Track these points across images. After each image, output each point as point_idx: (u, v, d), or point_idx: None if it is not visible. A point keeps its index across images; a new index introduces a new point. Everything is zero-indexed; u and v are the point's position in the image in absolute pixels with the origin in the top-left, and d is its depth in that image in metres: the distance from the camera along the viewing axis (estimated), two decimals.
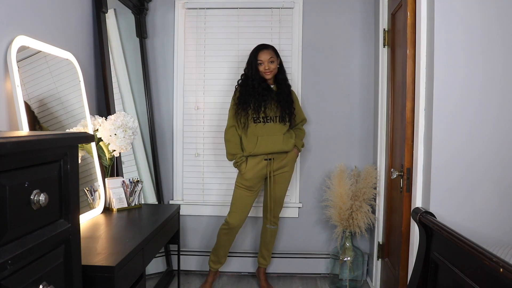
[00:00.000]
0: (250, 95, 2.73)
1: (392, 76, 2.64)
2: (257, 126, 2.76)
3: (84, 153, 2.08)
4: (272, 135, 2.77)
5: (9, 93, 1.66)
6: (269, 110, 2.75)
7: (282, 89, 2.81)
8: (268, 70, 2.72)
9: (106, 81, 2.47)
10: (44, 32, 1.94)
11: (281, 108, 2.78)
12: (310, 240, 3.22)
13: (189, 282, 3.08)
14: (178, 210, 2.43)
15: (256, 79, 2.73)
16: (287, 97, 2.80)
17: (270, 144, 2.76)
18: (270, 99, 2.76)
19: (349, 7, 3.13)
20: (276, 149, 2.78)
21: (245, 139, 2.78)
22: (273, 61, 2.74)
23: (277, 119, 2.78)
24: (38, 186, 1.04)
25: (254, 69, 2.73)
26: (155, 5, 3.16)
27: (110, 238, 1.77)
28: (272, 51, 2.76)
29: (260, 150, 2.75)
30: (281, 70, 2.83)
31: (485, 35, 1.82)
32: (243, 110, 2.73)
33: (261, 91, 2.73)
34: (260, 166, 2.78)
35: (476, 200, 1.83)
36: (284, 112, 2.78)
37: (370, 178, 2.85)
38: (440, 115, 1.84)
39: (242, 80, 2.79)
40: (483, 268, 1.23)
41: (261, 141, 2.75)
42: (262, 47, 2.77)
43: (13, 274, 0.96)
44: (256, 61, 2.74)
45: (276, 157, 2.80)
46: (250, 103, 2.72)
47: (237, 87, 2.82)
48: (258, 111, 2.73)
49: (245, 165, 2.78)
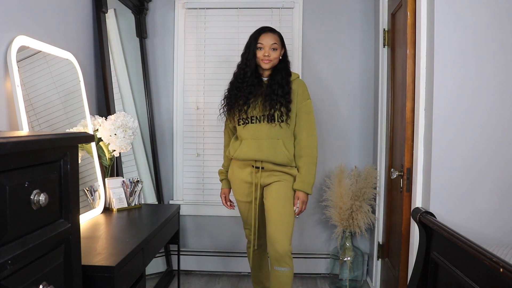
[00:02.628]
0: (237, 89, 2.26)
1: (392, 76, 2.64)
2: (240, 128, 2.28)
3: (84, 153, 2.08)
4: (257, 138, 2.21)
5: (9, 93, 1.66)
6: (253, 108, 2.22)
7: (275, 78, 2.23)
8: (267, 57, 2.21)
9: (106, 81, 2.47)
10: (44, 32, 1.94)
11: (268, 102, 2.18)
12: (310, 240, 3.22)
13: (189, 282, 3.08)
14: (178, 210, 2.43)
15: (250, 67, 2.23)
16: (279, 88, 2.19)
17: (253, 149, 2.21)
18: (258, 94, 2.22)
19: (349, 7, 3.13)
20: (262, 156, 2.20)
21: (232, 142, 2.35)
22: (276, 49, 2.23)
23: (263, 118, 2.21)
24: (38, 186, 1.04)
25: (251, 54, 2.23)
26: (155, 5, 3.16)
27: (110, 238, 1.77)
28: (278, 37, 2.26)
29: (241, 155, 2.24)
30: (284, 60, 2.29)
31: (485, 35, 1.82)
32: (230, 110, 2.30)
33: (250, 84, 2.23)
34: (245, 172, 2.29)
35: (476, 200, 1.83)
36: (271, 108, 2.18)
37: (370, 178, 2.85)
38: (440, 115, 1.84)
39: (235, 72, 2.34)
40: (483, 268, 1.23)
41: (243, 145, 2.24)
42: (267, 29, 2.27)
43: (13, 274, 0.96)
44: (255, 44, 2.23)
45: (268, 167, 2.24)
46: (233, 101, 2.28)
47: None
48: (240, 110, 2.24)
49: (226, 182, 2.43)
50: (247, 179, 2.29)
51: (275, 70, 2.27)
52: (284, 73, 2.25)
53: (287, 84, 2.23)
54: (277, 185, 2.24)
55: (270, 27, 2.32)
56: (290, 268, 2.16)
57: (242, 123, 2.26)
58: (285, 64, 2.29)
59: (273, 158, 2.20)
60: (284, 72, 2.26)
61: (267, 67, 2.24)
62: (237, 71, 2.31)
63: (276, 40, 2.24)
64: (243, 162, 2.27)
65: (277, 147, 2.20)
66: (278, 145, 2.20)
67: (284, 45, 2.30)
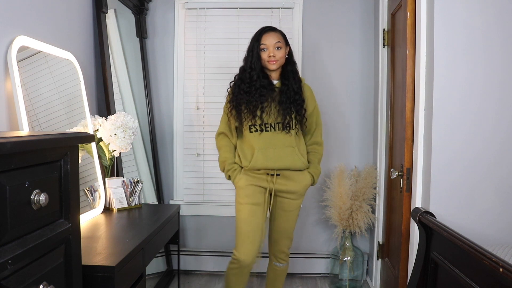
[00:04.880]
0: (246, 94, 2.13)
1: (392, 76, 2.64)
2: (253, 136, 2.16)
3: (84, 153, 2.08)
4: (273, 147, 2.15)
5: (9, 93, 1.66)
6: (267, 114, 2.13)
7: (288, 84, 2.16)
8: (273, 58, 2.11)
9: (106, 81, 2.47)
10: (44, 32, 1.94)
11: (283, 110, 2.12)
12: (310, 240, 3.22)
13: (189, 282, 3.08)
14: (178, 210, 2.43)
15: (256, 70, 2.12)
16: (294, 95, 2.15)
17: (271, 159, 2.15)
18: (270, 99, 2.14)
19: (349, 7, 3.13)
20: (280, 165, 2.16)
21: (241, 151, 2.22)
22: (280, 48, 2.13)
23: (278, 126, 2.15)
24: (38, 186, 1.04)
25: (256, 57, 2.12)
26: (155, 5, 3.16)
27: (110, 238, 1.77)
28: (280, 35, 2.17)
29: (258, 165, 2.16)
30: (290, 61, 2.21)
31: (485, 35, 1.82)
32: (236, 115, 2.16)
33: (259, 87, 2.11)
34: (259, 178, 2.20)
35: (476, 200, 1.83)
36: (287, 116, 2.13)
37: (370, 178, 2.85)
38: (440, 115, 1.84)
39: (237, 75, 2.22)
40: (483, 268, 1.23)
41: (258, 155, 2.15)
42: (268, 28, 2.17)
43: (13, 274, 0.96)
44: (258, 46, 2.13)
45: (284, 174, 2.20)
46: (243, 106, 2.14)
47: (231, 86, 2.26)
48: (253, 116, 2.12)
49: (239, 174, 2.23)
50: (262, 184, 2.21)
51: (284, 72, 2.19)
52: (297, 78, 2.20)
53: (300, 90, 2.18)
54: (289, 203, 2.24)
55: (271, 26, 2.22)
56: (287, 263, 2.39)
57: (255, 130, 2.15)
58: (293, 66, 2.21)
59: (291, 165, 2.18)
60: (296, 77, 2.21)
61: (274, 67, 2.15)
62: (242, 74, 2.18)
63: (279, 38, 2.15)
64: (258, 170, 2.19)
65: (294, 155, 2.17)
66: (294, 153, 2.17)
67: (288, 43, 2.21)
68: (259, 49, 2.13)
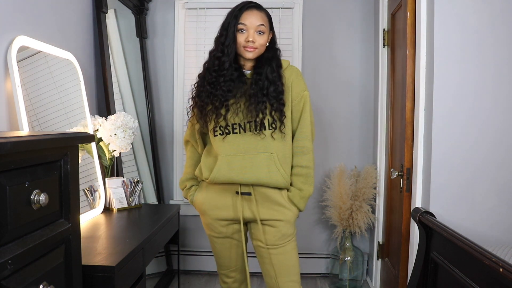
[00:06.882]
0: (210, 86, 1.65)
1: (392, 76, 2.64)
2: (217, 140, 1.67)
3: (84, 153, 2.08)
4: (242, 153, 1.63)
5: (9, 93, 1.66)
6: (233, 113, 1.63)
7: (262, 72, 1.64)
8: (251, 44, 1.62)
9: (106, 81, 2.47)
10: (44, 32, 1.94)
11: (255, 106, 1.60)
12: (310, 240, 3.22)
13: (189, 282, 3.08)
14: (178, 210, 2.43)
15: (228, 55, 1.63)
16: (269, 86, 1.62)
17: (235, 170, 1.62)
18: (239, 95, 1.64)
19: (349, 7, 3.13)
20: (249, 177, 1.62)
21: (204, 160, 1.73)
22: (263, 32, 1.63)
23: (249, 127, 1.63)
24: (38, 186, 1.04)
25: (231, 39, 1.62)
26: (155, 5, 3.16)
27: (110, 238, 1.77)
28: (266, 17, 1.67)
29: (220, 177, 1.64)
30: (272, 48, 1.70)
31: (485, 35, 1.82)
32: (199, 115, 1.68)
33: (228, 80, 1.63)
34: (224, 200, 1.69)
35: (476, 200, 1.83)
36: (259, 112, 1.60)
37: (370, 178, 2.85)
38: (440, 115, 1.84)
39: (206, 62, 1.75)
40: (483, 268, 1.23)
41: (221, 164, 1.63)
42: (252, 5, 1.66)
43: (13, 274, 0.96)
44: (235, 25, 1.62)
45: (259, 193, 1.66)
46: (207, 101, 1.65)
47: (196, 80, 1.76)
48: (216, 116, 1.63)
49: (195, 192, 1.76)
50: (227, 209, 1.69)
51: (261, 60, 1.67)
52: (275, 64, 1.66)
53: (279, 79, 1.65)
54: (273, 231, 1.68)
55: (256, 2, 1.69)
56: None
57: (220, 133, 1.65)
58: (274, 52, 1.69)
59: (267, 180, 1.63)
60: (275, 63, 1.66)
61: (251, 56, 1.64)
62: (210, 60, 1.72)
63: (263, 20, 1.64)
64: (223, 186, 1.68)
65: (270, 164, 1.62)
66: (271, 162, 1.63)
67: (272, 27, 1.71)
68: (236, 29, 1.62)
